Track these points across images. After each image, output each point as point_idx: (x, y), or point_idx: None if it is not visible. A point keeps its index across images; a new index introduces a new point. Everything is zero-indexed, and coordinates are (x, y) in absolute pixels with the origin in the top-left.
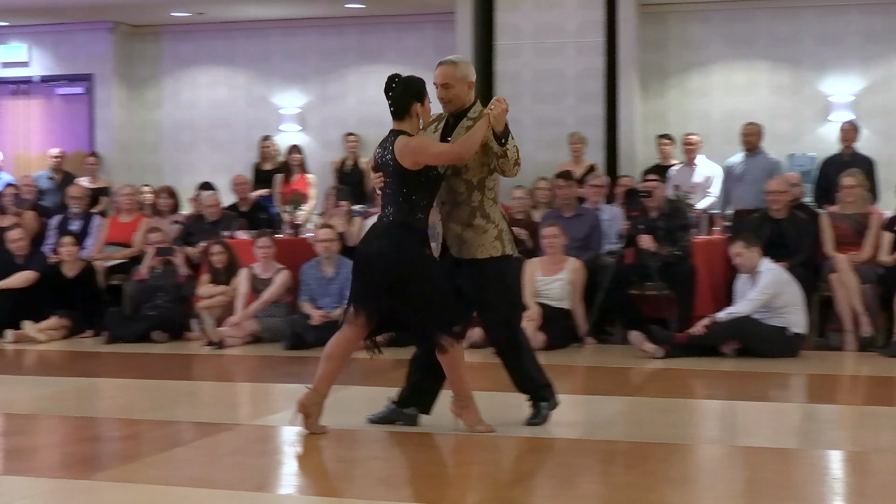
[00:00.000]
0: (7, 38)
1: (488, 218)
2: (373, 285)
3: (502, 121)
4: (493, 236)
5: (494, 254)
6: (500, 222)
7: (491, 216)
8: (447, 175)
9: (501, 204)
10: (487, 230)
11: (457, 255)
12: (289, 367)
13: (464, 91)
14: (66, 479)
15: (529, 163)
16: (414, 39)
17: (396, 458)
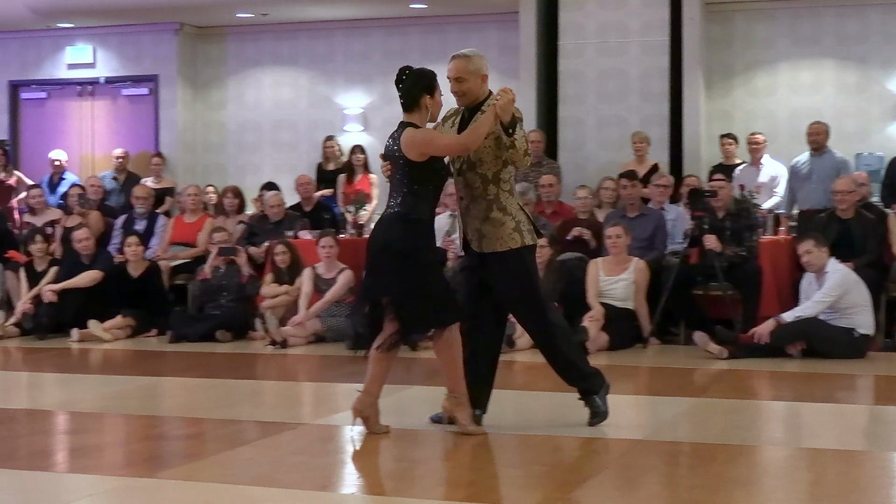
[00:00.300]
0: (73, 39)
1: (505, 210)
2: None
3: (509, 111)
4: (510, 228)
5: (514, 245)
6: (517, 214)
7: (507, 208)
8: (462, 170)
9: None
10: (505, 222)
11: (477, 249)
12: (351, 366)
13: (476, 84)
14: (130, 478)
15: (592, 162)
16: (477, 39)
17: (458, 459)
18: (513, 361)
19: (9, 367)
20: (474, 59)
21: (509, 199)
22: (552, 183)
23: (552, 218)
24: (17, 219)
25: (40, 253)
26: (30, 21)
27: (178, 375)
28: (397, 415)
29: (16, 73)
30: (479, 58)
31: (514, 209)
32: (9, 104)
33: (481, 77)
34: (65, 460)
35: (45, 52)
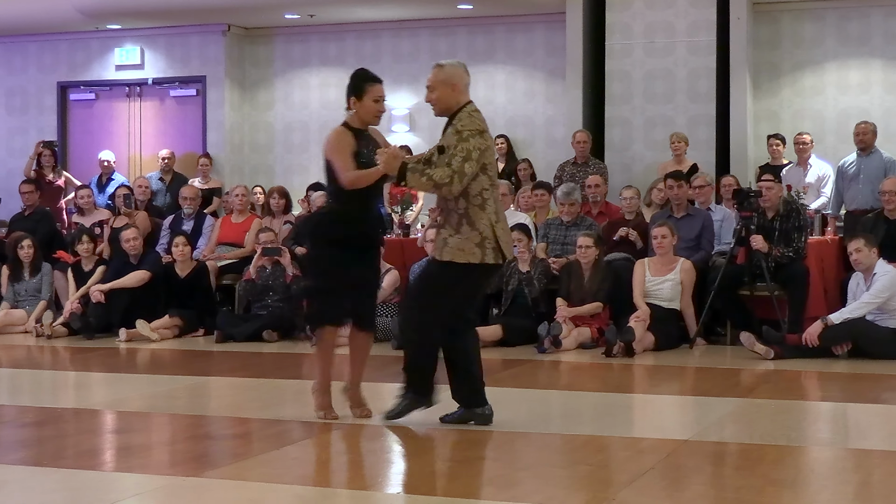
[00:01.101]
0: (121, 40)
1: (473, 225)
2: None
3: (393, 166)
4: (473, 242)
5: (473, 260)
6: (485, 230)
7: (476, 223)
8: None
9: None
10: (470, 237)
11: (438, 256)
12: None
13: (446, 94)
14: (177, 477)
15: (639, 163)
16: (524, 40)
17: (504, 458)
18: (558, 361)
19: (57, 366)
20: (447, 68)
21: (479, 214)
22: (598, 183)
23: (598, 218)
24: (65, 219)
25: (88, 253)
26: (78, 22)
27: (224, 375)
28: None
29: (64, 74)
30: (454, 67)
31: (483, 224)
32: (58, 105)
33: (451, 86)
34: (112, 459)
35: (93, 54)
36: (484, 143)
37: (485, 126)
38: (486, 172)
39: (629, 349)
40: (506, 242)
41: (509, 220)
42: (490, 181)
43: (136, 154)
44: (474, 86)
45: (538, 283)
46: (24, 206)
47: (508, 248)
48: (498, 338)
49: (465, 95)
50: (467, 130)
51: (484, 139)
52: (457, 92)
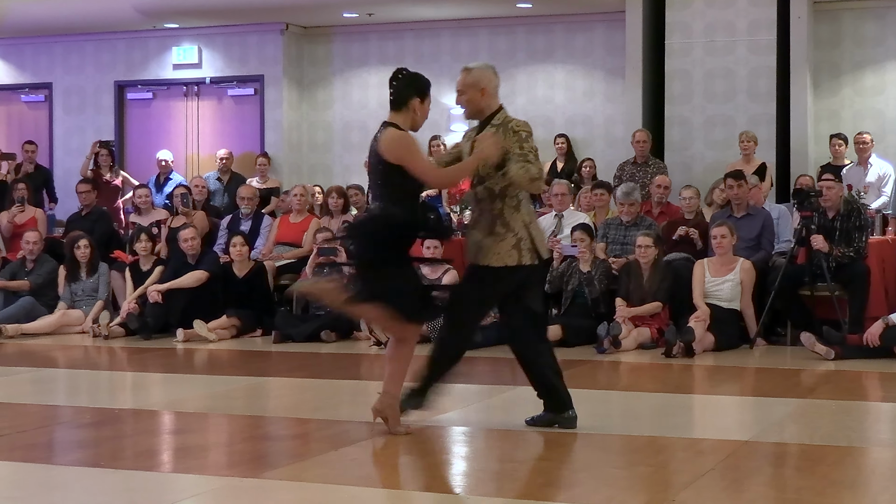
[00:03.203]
0: (179, 39)
1: (508, 226)
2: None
3: (494, 155)
4: (509, 245)
5: (510, 262)
6: (520, 231)
7: (511, 225)
8: (474, 183)
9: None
10: (506, 238)
11: (472, 261)
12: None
13: (476, 97)
14: (235, 478)
15: (699, 162)
16: (583, 39)
17: (563, 459)
18: (618, 362)
19: (114, 367)
20: (475, 71)
21: (514, 216)
22: (667, 185)
23: (659, 218)
24: (122, 219)
25: (146, 252)
26: (136, 21)
27: (282, 376)
28: (502, 415)
29: (122, 73)
30: (482, 71)
31: (518, 226)
32: (115, 105)
33: (481, 90)
34: (170, 460)
35: (150, 53)
36: (534, 145)
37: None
38: None
39: (689, 349)
40: (540, 241)
41: (569, 219)
42: None
43: (194, 154)
44: (532, 86)
45: (598, 284)
46: (81, 205)
47: (543, 247)
48: (557, 338)
49: (495, 99)
50: (524, 131)
51: (531, 142)
52: (486, 95)
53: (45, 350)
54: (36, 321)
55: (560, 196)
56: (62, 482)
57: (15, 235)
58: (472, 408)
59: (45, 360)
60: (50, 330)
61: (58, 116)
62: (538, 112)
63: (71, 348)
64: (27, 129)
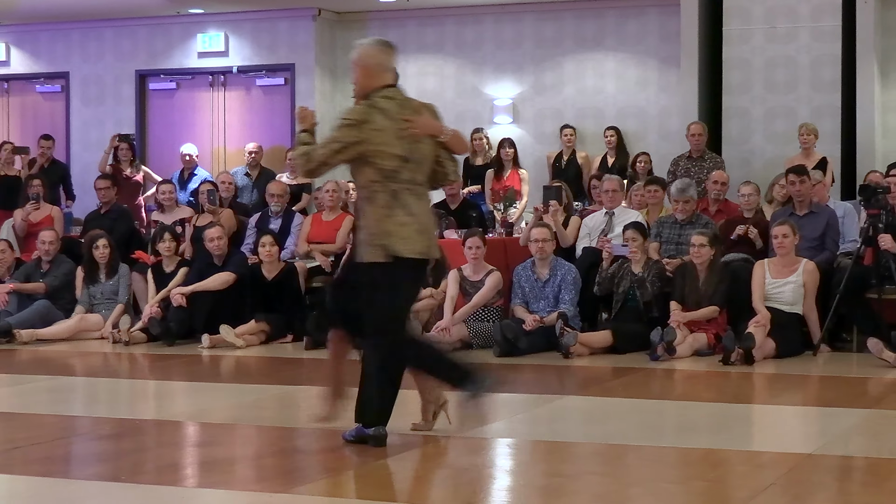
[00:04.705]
0: (204, 26)
1: (365, 220)
2: None
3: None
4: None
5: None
6: (370, 226)
7: (362, 217)
8: None
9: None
10: (360, 232)
11: None
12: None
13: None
14: (264, 493)
15: (758, 157)
16: (635, 25)
17: (613, 473)
18: (672, 370)
19: (136, 374)
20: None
21: (366, 208)
22: (724, 180)
23: (716, 216)
24: (144, 217)
25: (169, 253)
26: (159, 7)
27: (314, 384)
28: (549, 426)
29: (143, 62)
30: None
31: (369, 221)
32: (136, 95)
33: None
34: (194, 474)
35: (174, 40)
36: (358, 136)
37: (369, 118)
38: (374, 165)
39: (748, 356)
40: (403, 238)
41: (621, 217)
42: (380, 174)
43: (220, 147)
44: (581, 75)
45: (651, 286)
46: (100, 203)
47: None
48: (608, 344)
49: (378, 78)
50: (343, 119)
51: (360, 132)
52: (369, 75)
53: (61, 357)
54: (52, 326)
55: (610, 193)
56: (80, 497)
57: (30, 235)
58: (517, 418)
59: (62, 367)
60: (67, 335)
61: (75, 108)
62: (587, 103)
63: (89, 355)
64: (42, 122)
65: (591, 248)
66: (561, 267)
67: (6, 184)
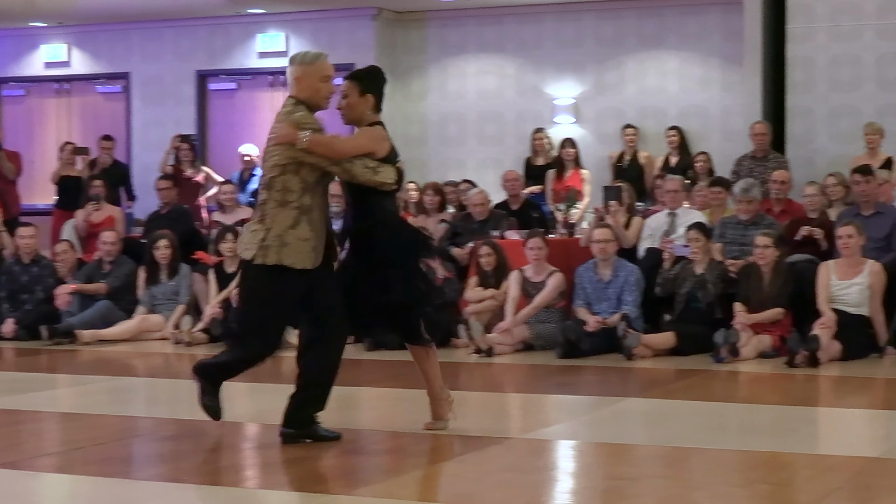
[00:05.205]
0: (264, 26)
1: (263, 221)
2: None
3: None
4: (259, 238)
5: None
6: (274, 227)
7: (265, 218)
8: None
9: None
10: (257, 231)
11: None
12: (562, 376)
13: None
14: (325, 494)
15: (822, 156)
16: (697, 24)
17: (676, 476)
18: (736, 372)
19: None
20: None
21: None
22: (785, 179)
23: (780, 217)
24: (205, 217)
25: (231, 253)
26: (219, 7)
27: (375, 385)
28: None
29: (204, 62)
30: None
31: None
32: (196, 95)
33: None
34: (255, 476)
35: (234, 40)
36: None
37: None
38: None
39: (813, 358)
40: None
41: (683, 217)
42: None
43: None
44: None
45: (712, 287)
46: (160, 203)
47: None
48: (671, 346)
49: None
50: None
51: None
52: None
53: (123, 357)
54: (113, 327)
55: (672, 193)
56: (140, 498)
57: (91, 235)
58: (579, 420)
59: (124, 368)
60: (128, 336)
61: (136, 108)
62: (649, 102)
63: (150, 356)
64: (103, 123)
65: (654, 248)
66: (623, 268)
67: (67, 184)
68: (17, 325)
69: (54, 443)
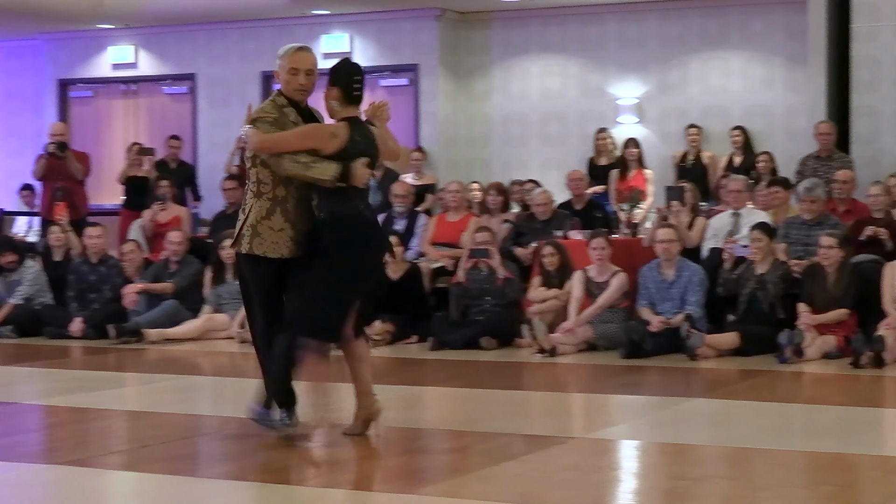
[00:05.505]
0: (328, 27)
1: (243, 211)
2: None
3: None
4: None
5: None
6: (249, 216)
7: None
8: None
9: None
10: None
11: None
12: (625, 377)
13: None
14: (390, 493)
15: (888, 156)
16: (761, 23)
17: (740, 477)
18: (800, 373)
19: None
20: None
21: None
22: (848, 179)
23: (845, 217)
24: None
25: None
26: (284, 8)
27: (439, 385)
28: (675, 429)
29: (268, 63)
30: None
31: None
32: (261, 96)
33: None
34: (319, 474)
35: (298, 41)
36: None
37: None
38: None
39: (879, 359)
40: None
41: (747, 218)
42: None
43: None
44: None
45: (773, 288)
46: (226, 203)
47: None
48: (734, 346)
49: None
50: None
51: None
52: None
53: (189, 356)
54: (180, 326)
55: (736, 193)
56: (205, 496)
57: (158, 235)
58: (642, 420)
59: (190, 367)
60: (194, 335)
61: (202, 109)
62: (712, 102)
63: (216, 354)
64: (170, 123)
65: (718, 248)
66: (687, 268)
67: (134, 185)
68: (85, 324)
69: (121, 441)
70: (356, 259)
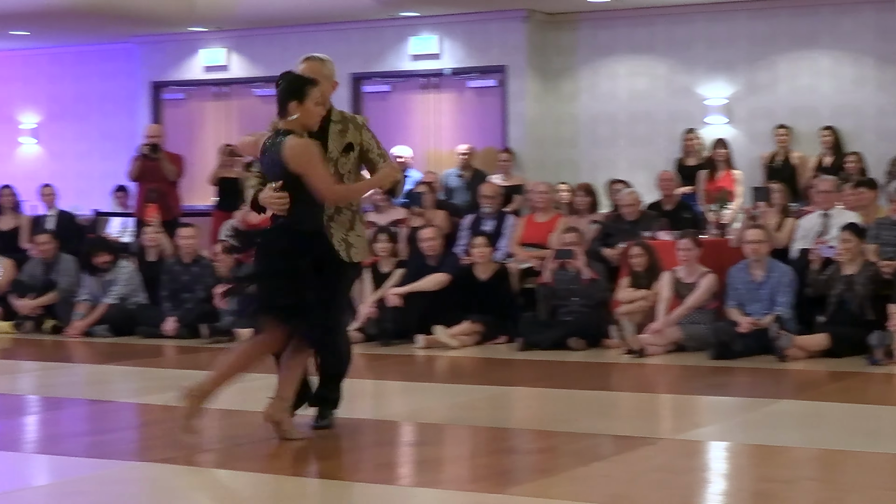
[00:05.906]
0: (417, 29)
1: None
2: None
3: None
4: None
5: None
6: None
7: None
8: None
9: None
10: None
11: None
12: (714, 377)
13: (328, 91)
14: (478, 493)
15: None
16: (851, 22)
17: (829, 479)
18: (891, 374)
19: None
20: (328, 63)
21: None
22: None
23: None
24: None
25: (385, 253)
26: (373, 11)
27: (528, 385)
28: (765, 430)
29: (358, 65)
30: (332, 63)
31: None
32: (350, 98)
33: (332, 83)
34: (409, 473)
35: (387, 43)
36: None
37: None
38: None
39: None
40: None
41: (837, 218)
42: None
43: (434, 149)
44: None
45: (861, 289)
46: None
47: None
48: (824, 347)
49: None
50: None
51: None
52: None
53: None
54: None
55: (825, 193)
56: (297, 494)
57: None
58: (732, 422)
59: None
60: None
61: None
62: (802, 102)
63: None
64: (261, 125)
65: (808, 249)
66: (776, 268)
67: (225, 186)
68: (178, 324)
69: (213, 439)
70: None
